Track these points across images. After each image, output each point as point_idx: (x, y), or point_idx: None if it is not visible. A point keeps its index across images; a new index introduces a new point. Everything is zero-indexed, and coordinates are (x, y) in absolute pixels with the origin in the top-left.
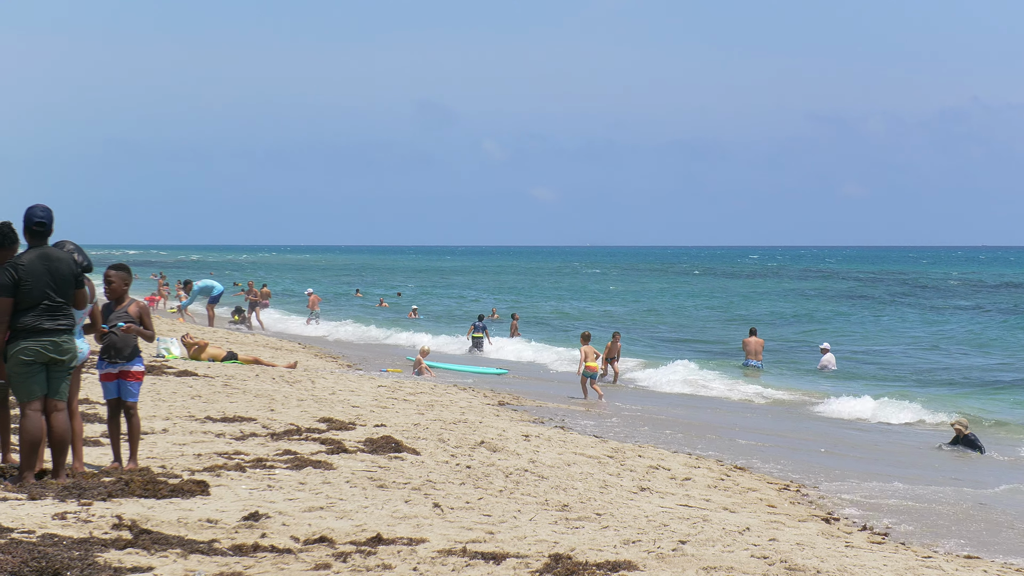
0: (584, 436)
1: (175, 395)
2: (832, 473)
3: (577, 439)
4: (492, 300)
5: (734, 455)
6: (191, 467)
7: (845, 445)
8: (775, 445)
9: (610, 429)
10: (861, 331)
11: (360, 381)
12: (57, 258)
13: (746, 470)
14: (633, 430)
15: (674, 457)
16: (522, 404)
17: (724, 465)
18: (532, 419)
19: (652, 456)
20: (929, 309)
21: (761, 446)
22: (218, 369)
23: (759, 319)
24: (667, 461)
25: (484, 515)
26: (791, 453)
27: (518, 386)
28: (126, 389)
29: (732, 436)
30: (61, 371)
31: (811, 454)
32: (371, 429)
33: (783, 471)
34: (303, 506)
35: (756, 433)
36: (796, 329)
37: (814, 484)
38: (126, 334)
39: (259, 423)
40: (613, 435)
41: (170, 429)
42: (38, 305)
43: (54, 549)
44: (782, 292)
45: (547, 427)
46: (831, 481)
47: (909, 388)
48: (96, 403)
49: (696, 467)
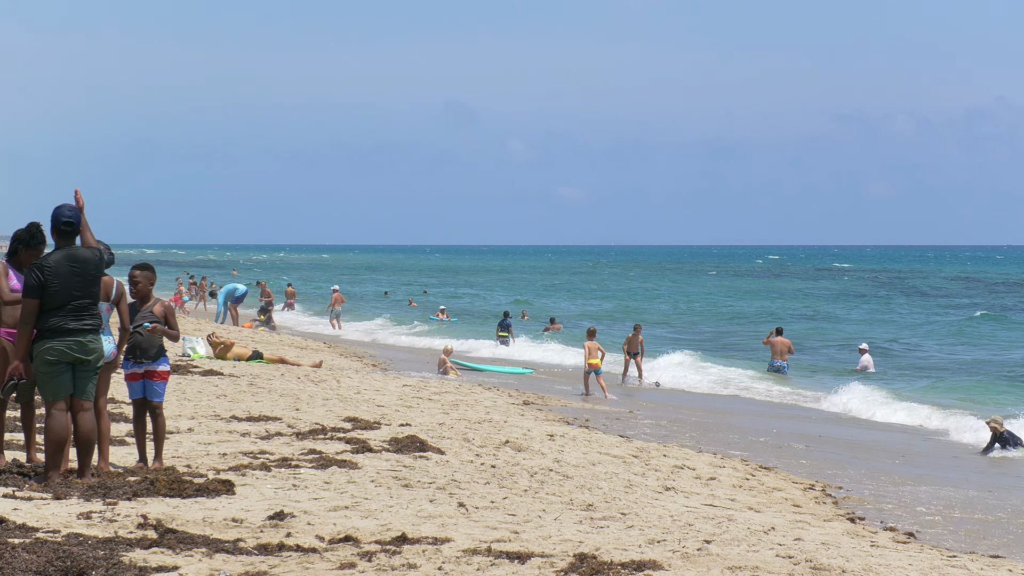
0: (609, 436)
1: (200, 394)
2: (859, 474)
3: (602, 439)
4: (511, 300)
5: (760, 455)
6: (216, 466)
7: (875, 448)
8: (802, 446)
9: (634, 428)
10: (887, 329)
11: (385, 380)
12: (84, 259)
13: (771, 470)
14: (658, 429)
15: (699, 457)
16: (547, 404)
17: (749, 465)
18: (557, 418)
19: (677, 456)
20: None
21: (788, 447)
22: (243, 368)
23: (778, 318)
24: (692, 461)
25: (509, 514)
26: (818, 454)
27: (543, 386)
28: (152, 389)
29: (757, 436)
30: (87, 371)
31: (839, 455)
32: (396, 428)
33: (809, 471)
34: (328, 505)
35: (783, 434)
36: (811, 326)
37: (839, 484)
38: (152, 334)
39: (284, 422)
40: (638, 435)
41: (195, 428)
42: (65, 306)
43: (79, 548)
44: (791, 291)
45: (572, 427)
46: (858, 482)
47: (949, 390)
48: (122, 402)
49: (721, 467)
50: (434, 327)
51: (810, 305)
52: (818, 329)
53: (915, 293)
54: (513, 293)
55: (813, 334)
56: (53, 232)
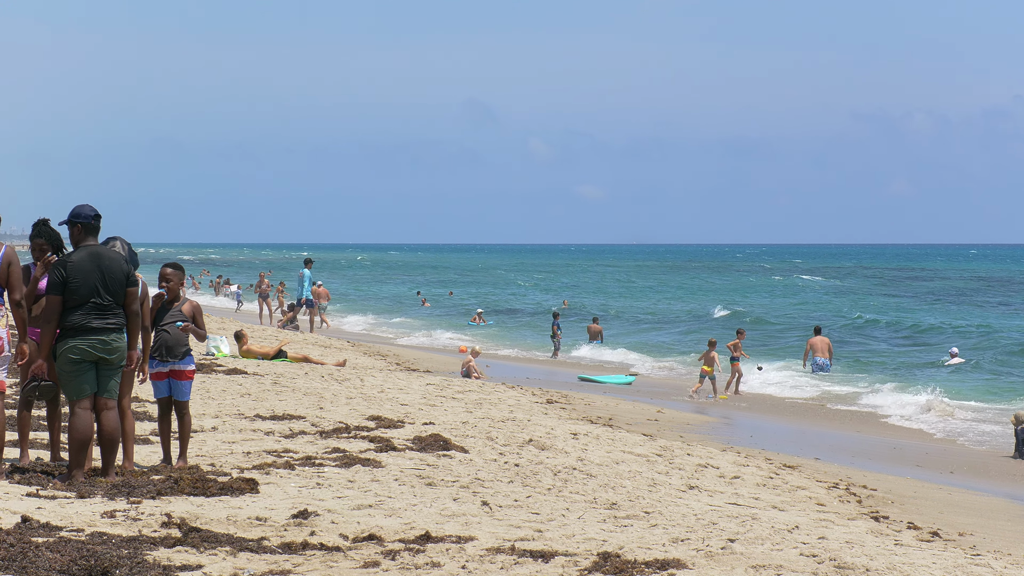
0: (632, 434)
1: (224, 393)
2: (887, 474)
3: (625, 437)
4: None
5: (785, 453)
6: (240, 465)
7: (907, 447)
8: (829, 445)
9: (657, 427)
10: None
11: (409, 379)
12: (109, 257)
13: (795, 468)
14: (684, 428)
15: (723, 455)
16: (570, 402)
17: (773, 463)
18: (580, 417)
19: (701, 454)
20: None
21: (815, 446)
22: (267, 367)
23: (812, 319)
24: (716, 459)
25: (532, 513)
26: (844, 454)
27: (569, 384)
28: (178, 388)
29: (784, 436)
30: (110, 369)
31: (866, 455)
32: (420, 427)
33: (835, 470)
34: (352, 504)
35: (811, 435)
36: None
37: (863, 483)
38: (180, 333)
39: (308, 421)
40: (661, 433)
41: (219, 427)
42: (86, 303)
43: (103, 547)
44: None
45: (595, 425)
46: (884, 481)
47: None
48: (146, 401)
49: (745, 465)
50: (475, 332)
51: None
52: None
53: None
54: (551, 293)
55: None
56: (76, 229)
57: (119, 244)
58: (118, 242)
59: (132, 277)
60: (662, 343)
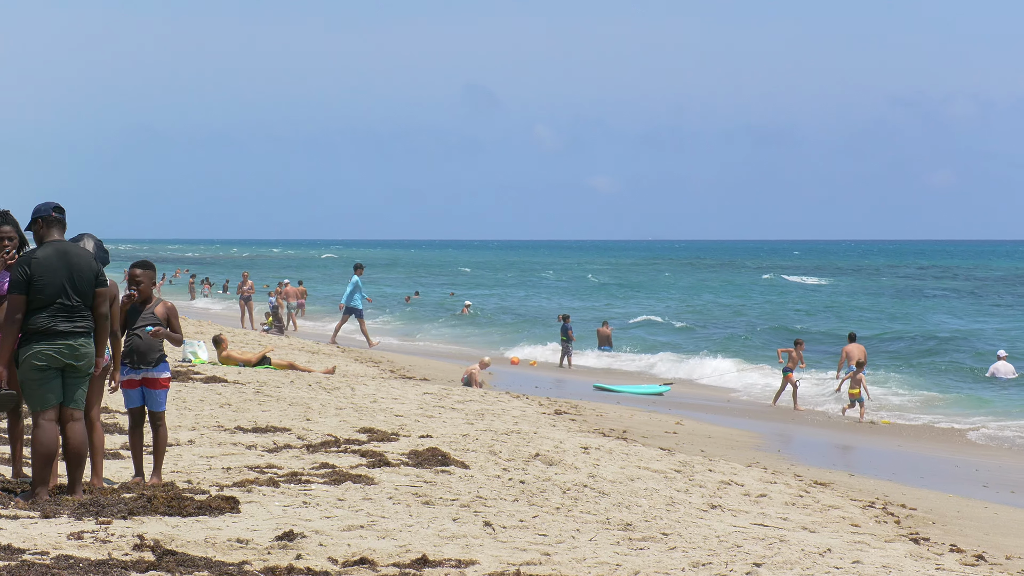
0: (649, 448)
1: (202, 403)
2: (928, 490)
3: (641, 451)
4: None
5: (816, 469)
6: (220, 482)
7: (951, 464)
8: (862, 460)
9: (675, 440)
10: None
11: (404, 388)
12: (77, 254)
13: (827, 485)
14: (705, 442)
15: (748, 471)
16: (581, 413)
17: (803, 480)
18: (592, 429)
19: (724, 470)
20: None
21: (848, 460)
22: (249, 375)
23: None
24: (740, 476)
25: (539, 535)
26: (881, 469)
27: (580, 394)
28: (151, 397)
29: (814, 450)
30: (78, 377)
31: (905, 470)
32: (416, 440)
33: (871, 487)
34: (342, 524)
35: (846, 449)
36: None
37: (902, 502)
38: (152, 338)
39: (294, 434)
40: (679, 447)
41: (197, 440)
42: (52, 304)
43: (69, 572)
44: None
45: (608, 438)
46: (924, 499)
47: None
48: (116, 412)
49: (772, 482)
50: (464, 327)
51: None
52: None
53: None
54: (558, 295)
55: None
56: (37, 225)
57: (88, 241)
58: (88, 239)
59: (102, 276)
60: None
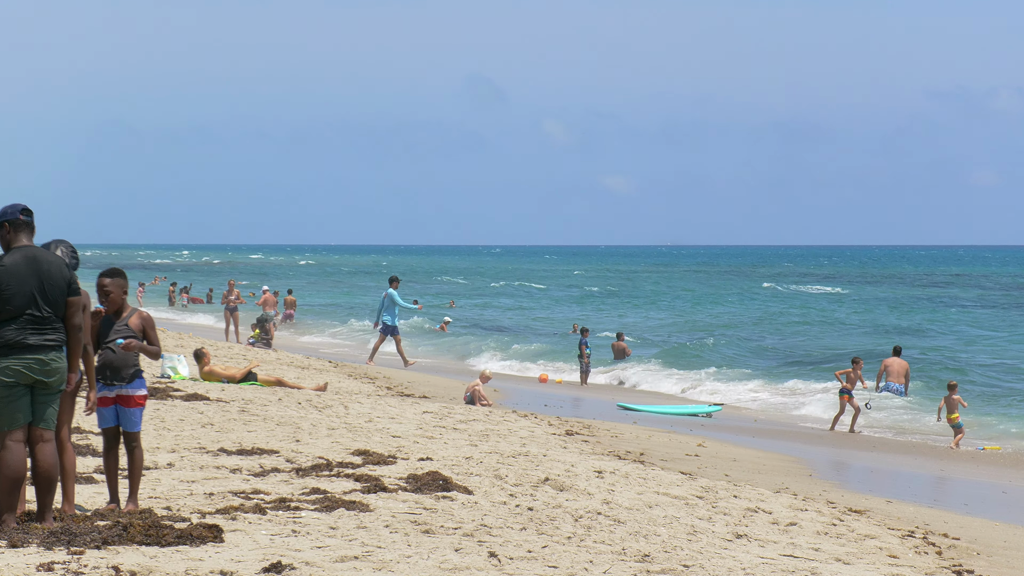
0: (668, 472)
1: (183, 423)
2: (973, 517)
3: (660, 476)
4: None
5: (851, 495)
6: (201, 508)
7: (993, 488)
8: (901, 485)
9: (697, 464)
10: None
11: (402, 406)
12: (48, 261)
13: (863, 513)
14: (729, 465)
15: (776, 498)
16: (594, 434)
17: (837, 507)
18: (606, 452)
19: (750, 496)
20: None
21: (885, 485)
22: (233, 392)
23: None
24: (768, 503)
25: (549, 566)
26: (921, 495)
27: (595, 413)
28: (126, 416)
29: (849, 474)
30: (48, 394)
31: (950, 495)
32: (415, 463)
33: (910, 514)
34: (334, 555)
35: (880, 472)
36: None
37: (944, 530)
38: (126, 352)
39: (282, 456)
40: (702, 471)
41: (177, 463)
42: (21, 315)
43: None
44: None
45: (624, 462)
46: (969, 528)
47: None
48: (89, 432)
49: (803, 510)
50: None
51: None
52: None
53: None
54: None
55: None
56: (4, 229)
57: (59, 247)
58: (57, 245)
59: (74, 284)
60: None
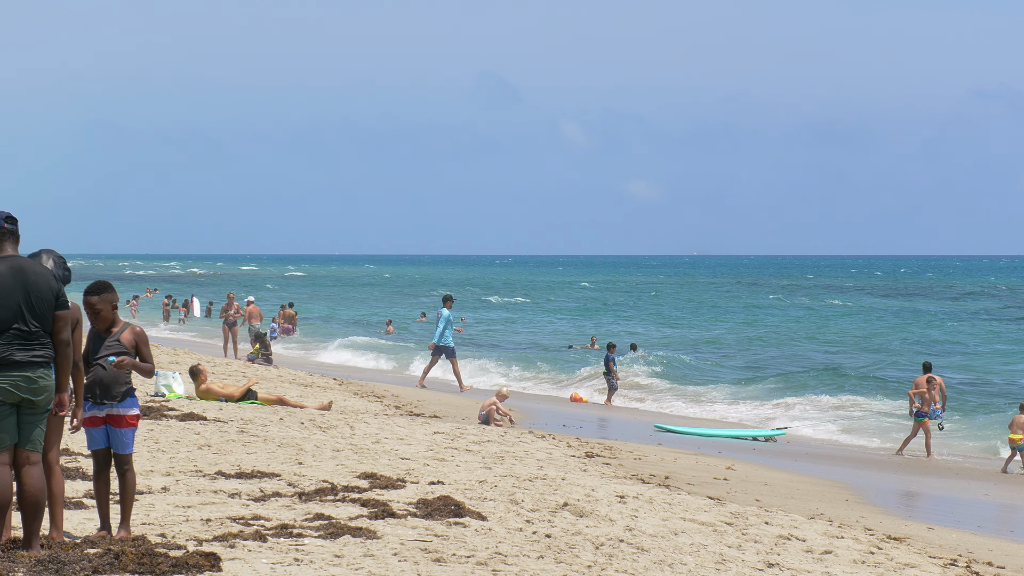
0: (695, 497)
1: (178, 444)
2: (1019, 544)
3: (686, 501)
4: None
5: (890, 520)
6: (198, 535)
7: None
8: (943, 510)
9: (726, 488)
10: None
11: (411, 426)
12: (35, 271)
13: (903, 540)
14: (761, 490)
15: (810, 524)
16: (616, 456)
17: (874, 535)
18: (629, 475)
19: (782, 523)
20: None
21: (926, 511)
22: (232, 411)
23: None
24: (802, 529)
25: None
26: (965, 521)
27: (618, 433)
28: (117, 438)
29: (887, 499)
30: (35, 414)
31: (994, 521)
32: (425, 487)
33: (953, 541)
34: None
35: (921, 497)
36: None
37: (988, 559)
38: (118, 369)
39: (284, 480)
40: (731, 495)
41: (172, 487)
42: (7, 330)
43: None
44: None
45: (648, 486)
46: (1015, 556)
47: None
48: (78, 454)
49: (839, 537)
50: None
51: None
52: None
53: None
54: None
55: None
56: None
57: (47, 258)
58: (46, 255)
59: (62, 297)
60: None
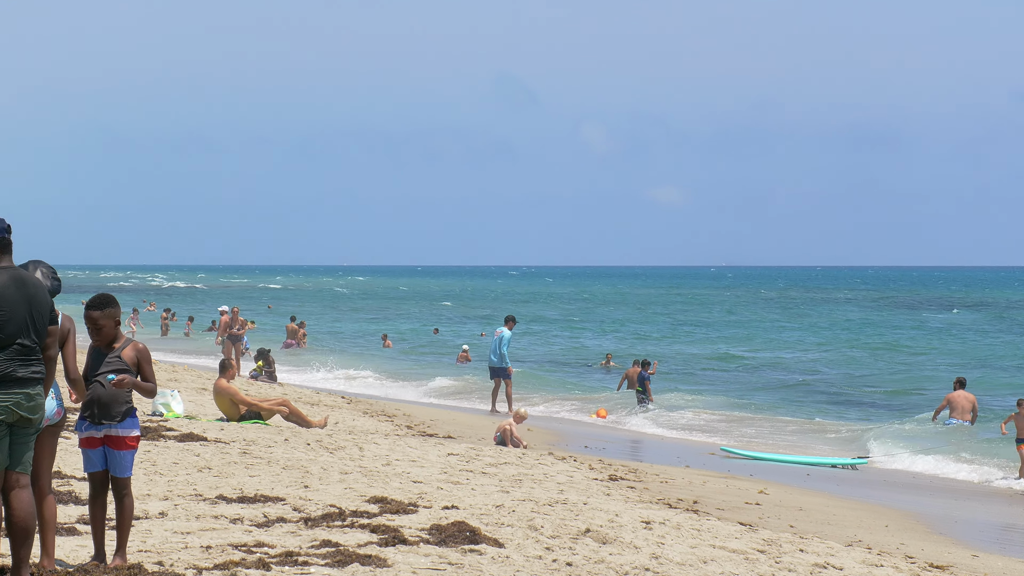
0: (725, 523)
1: (177, 466)
2: None
3: (716, 527)
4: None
5: (932, 547)
6: (197, 563)
7: None
8: (987, 536)
9: (759, 513)
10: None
11: (424, 447)
12: (33, 284)
13: (946, 568)
14: (795, 515)
15: (848, 552)
16: (641, 479)
17: (916, 563)
18: (655, 499)
19: (819, 551)
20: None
21: (969, 536)
22: (234, 432)
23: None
24: (839, 557)
25: None
26: (1011, 546)
27: (645, 455)
28: (116, 460)
29: (929, 524)
30: (28, 435)
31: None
32: (438, 512)
33: (998, 569)
34: None
35: (963, 522)
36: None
37: None
38: (118, 388)
39: (289, 504)
40: (764, 521)
41: (170, 512)
42: (11, 344)
43: None
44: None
45: (675, 511)
46: None
47: None
48: (72, 477)
49: (878, 565)
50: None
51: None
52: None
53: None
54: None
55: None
56: None
57: (37, 269)
58: (33, 267)
59: (54, 312)
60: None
